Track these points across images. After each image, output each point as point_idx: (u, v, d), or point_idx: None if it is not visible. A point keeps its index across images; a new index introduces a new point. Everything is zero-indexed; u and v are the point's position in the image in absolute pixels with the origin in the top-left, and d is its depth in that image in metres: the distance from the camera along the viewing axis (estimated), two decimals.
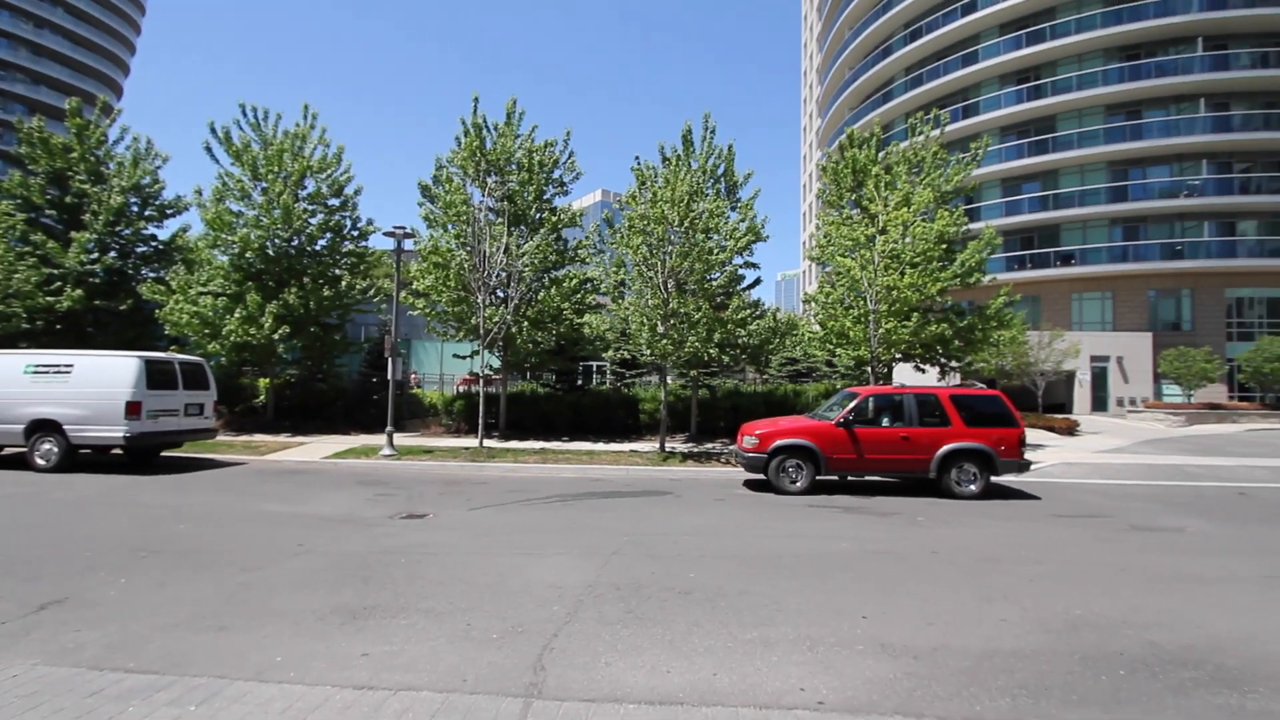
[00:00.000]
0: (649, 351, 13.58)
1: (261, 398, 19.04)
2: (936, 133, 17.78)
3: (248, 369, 19.60)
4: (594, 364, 23.28)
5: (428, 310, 16.21)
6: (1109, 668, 4.10)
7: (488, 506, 9.05)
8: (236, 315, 16.01)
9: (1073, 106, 34.64)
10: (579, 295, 15.99)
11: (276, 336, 16.21)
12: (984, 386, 11.38)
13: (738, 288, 15.89)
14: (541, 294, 15.51)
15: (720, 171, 15.56)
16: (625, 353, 15.44)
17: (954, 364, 16.67)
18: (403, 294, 16.19)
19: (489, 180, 15.67)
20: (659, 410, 15.09)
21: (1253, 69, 31.78)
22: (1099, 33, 33.60)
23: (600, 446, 15.48)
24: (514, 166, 16.20)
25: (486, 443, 14.86)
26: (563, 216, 16.42)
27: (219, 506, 8.82)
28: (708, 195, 15.03)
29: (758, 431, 10.61)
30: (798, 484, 10.29)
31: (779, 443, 10.34)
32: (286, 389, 19.15)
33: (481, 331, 14.25)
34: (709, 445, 15.97)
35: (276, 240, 17.34)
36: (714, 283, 14.70)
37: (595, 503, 9.49)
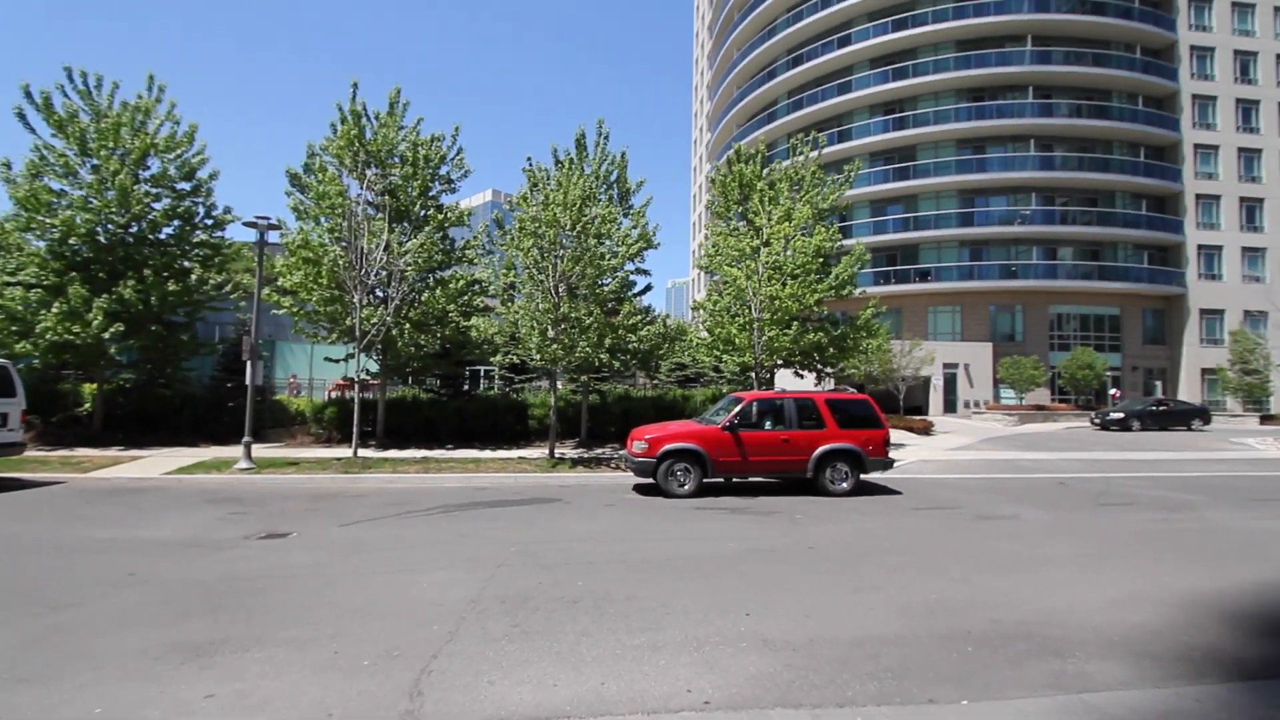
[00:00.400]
0: (539, 356, 13.33)
1: (87, 406, 16.58)
2: (815, 154, 19.01)
3: (69, 372, 17.00)
4: (481, 368, 22.52)
5: (296, 309, 14.89)
6: (960, 646, 4.50)
7: (362, 521, 8.42)
8: (55, 310, 13.84)
9: (930, 139, 38.48)
10: (466, 297, 15.37)
11: (107, 335, 14.19)
12: (854, 391, 12.25)
13: (629, 293, 16.03)
14: (425, 295, 14.75)
15: (613, 178, 15.63)
16: (514, 357, 15.06)
17: (829, 370, 17.83)
18: (266, 291, 14.78)
19: (369, 172, 14.70)
20: (548, 416, 14.86)
21: (1070, 118, 36.97)
22: (951, 75, 37.61)
23: (487, 454, 14.97)
24: (397, 159, 15.31)
25: (362, 452, 13.90)
26: (450, 215, 15.73)
27: (24, 534, 7.54)
28: (600, 200, 15.04)
29: (647, 436, 10.72)
30: (686, 487, 10.50)
31: (668, 447, 10.50)
32: (119, 396, 16.80)
33: (358, 333, 13.31)
34: (599, 450, 15.93)
35: (110, 225, 15.21)
36: (606, 288, 14.73)
37: (481, 513, 9.14)
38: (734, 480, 11.58)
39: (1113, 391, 36.69)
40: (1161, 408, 29.65)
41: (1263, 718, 3.58)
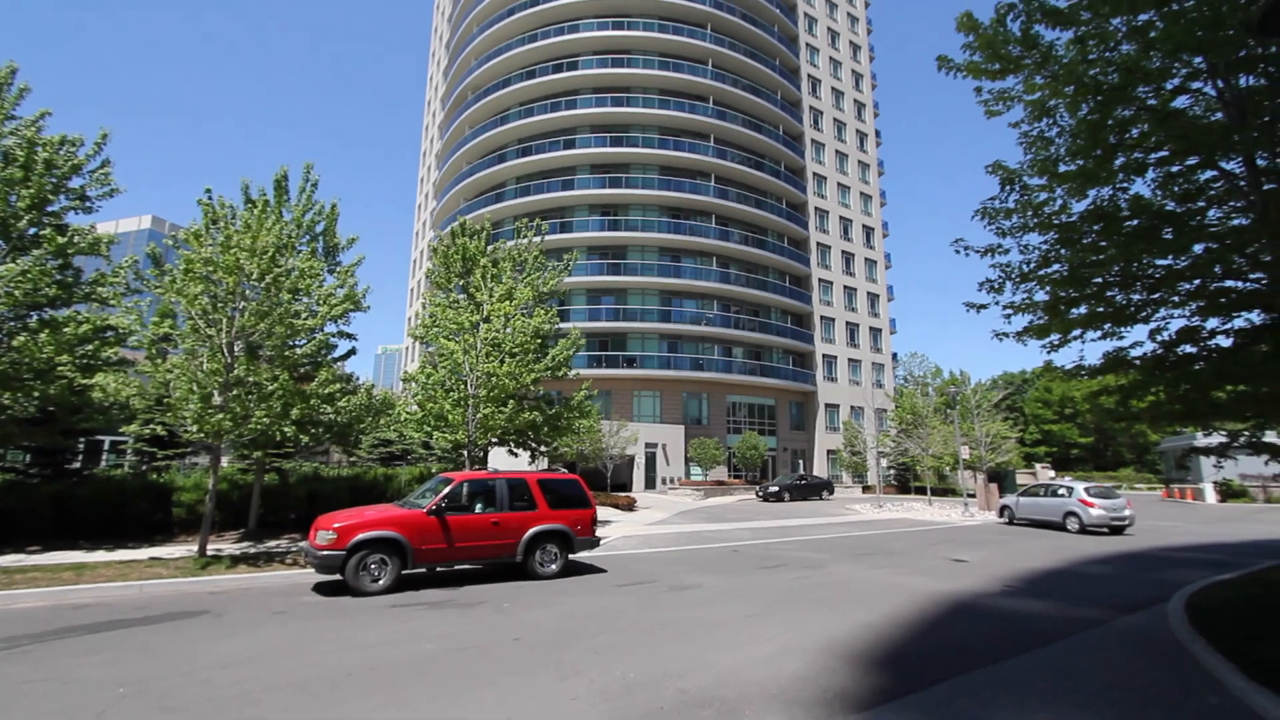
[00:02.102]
0: (197, 428, 10.74)
1: None
2: (539, 239, 19.95)
3: None
4: (108, 439, 17.29)
5: None
6: None
7: None
8: None
9: (639, 243, 43.81)
10: (91, 346, 11.70)
11: None
12: (566, 470, 12.50)
13: (328, 357, 14.21)
14: (21, 339, 10.84)
15: (320, 230, 14.01)
16: (159, 427, 11.89)
17: (543, 449, 18.04)
18: None
19: None
20: (204, 501, 11.92)
21: (741, 244, 45.88)
22: (656, 192, 43.91)
23: (101, 556, 11.27)
24: None
25: None
26: (80, 239, 12.12)
27: None
28: (301, 252, 13.32)
29: (336, 525, 9.25)
30: (380, 582, 9.24)
31: (361, 536, 9.18)
32: None
33: None
34: (273, 543, 13.30)
35: None
36: (299, 350, 12.82)
37: (74, 643, 6.66)
38: (438, 569, 10.63)
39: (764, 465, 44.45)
40: (803, 481, 36.88)
41: None
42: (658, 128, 45.62)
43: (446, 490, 10.19)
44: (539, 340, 16.70)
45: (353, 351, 15.16)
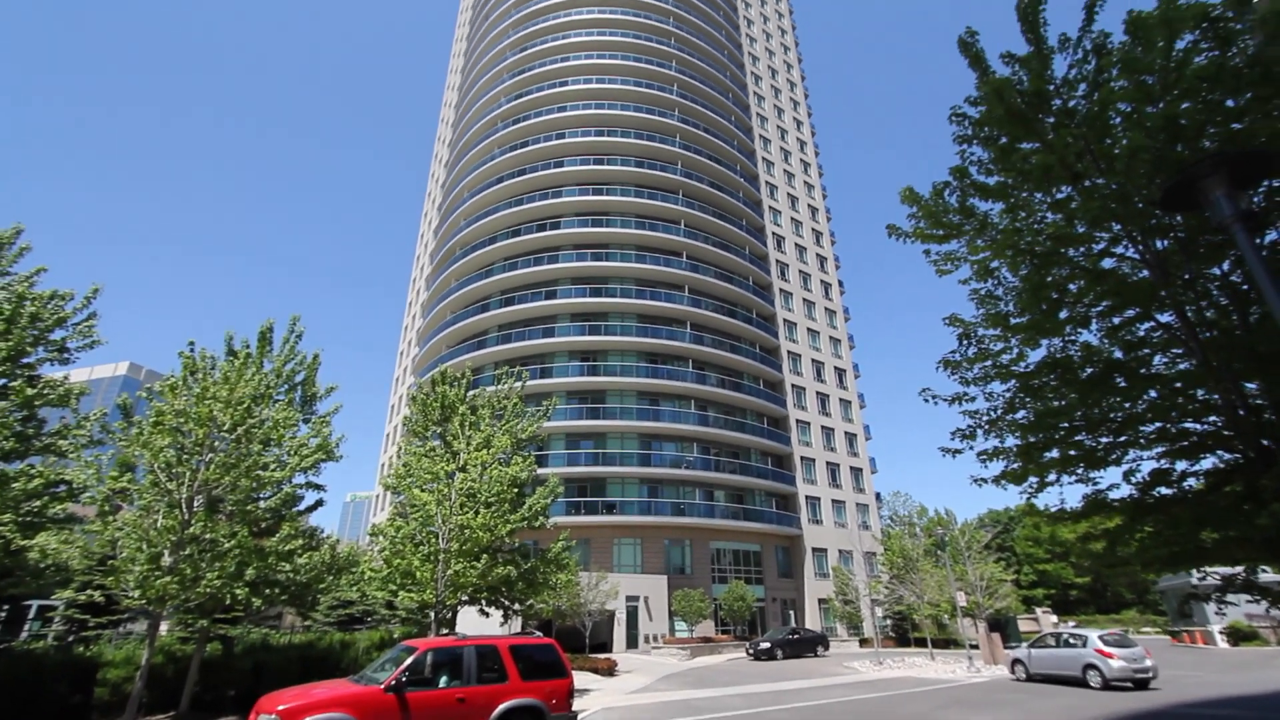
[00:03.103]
0: (140, 593, 9.91)
1: None
2: (519, 385, 20.18)
3: None
4: (36, 603, 15.73)
5: None
6: None
7: None
8: None
9: (617, 387, 44.52)
10: (39, 503, 11.06)
11: None
12: (539, 634, 11.54)
13: (292, 510, 13.57)
14: None
15: (299, 379, 14.07)
16: (97, 592, 10.94)
17: (517, 606, 16.86)
18: None
19: None
20: (134, 679, 10.65)
21: (718, 387, 46.87)
22: (634, 339, 45.49)
23: None
24: None
25: None
26: (50, 391, 11.92)
27: None
28: (278, 402, 13.24)
29: (280, 707, 8.25)
30: None
31: None
32: None
33: None
34: None
35: None
36: (262, 503, 12.27)
37: None
38: None
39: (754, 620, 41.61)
40: (795, 635, 34.50)
41: None
42: (635, 280, 48.38)
43: (408, 661, 9.28)
44: (516, 489, 16.25)
45: (320, 503, 14.56)
